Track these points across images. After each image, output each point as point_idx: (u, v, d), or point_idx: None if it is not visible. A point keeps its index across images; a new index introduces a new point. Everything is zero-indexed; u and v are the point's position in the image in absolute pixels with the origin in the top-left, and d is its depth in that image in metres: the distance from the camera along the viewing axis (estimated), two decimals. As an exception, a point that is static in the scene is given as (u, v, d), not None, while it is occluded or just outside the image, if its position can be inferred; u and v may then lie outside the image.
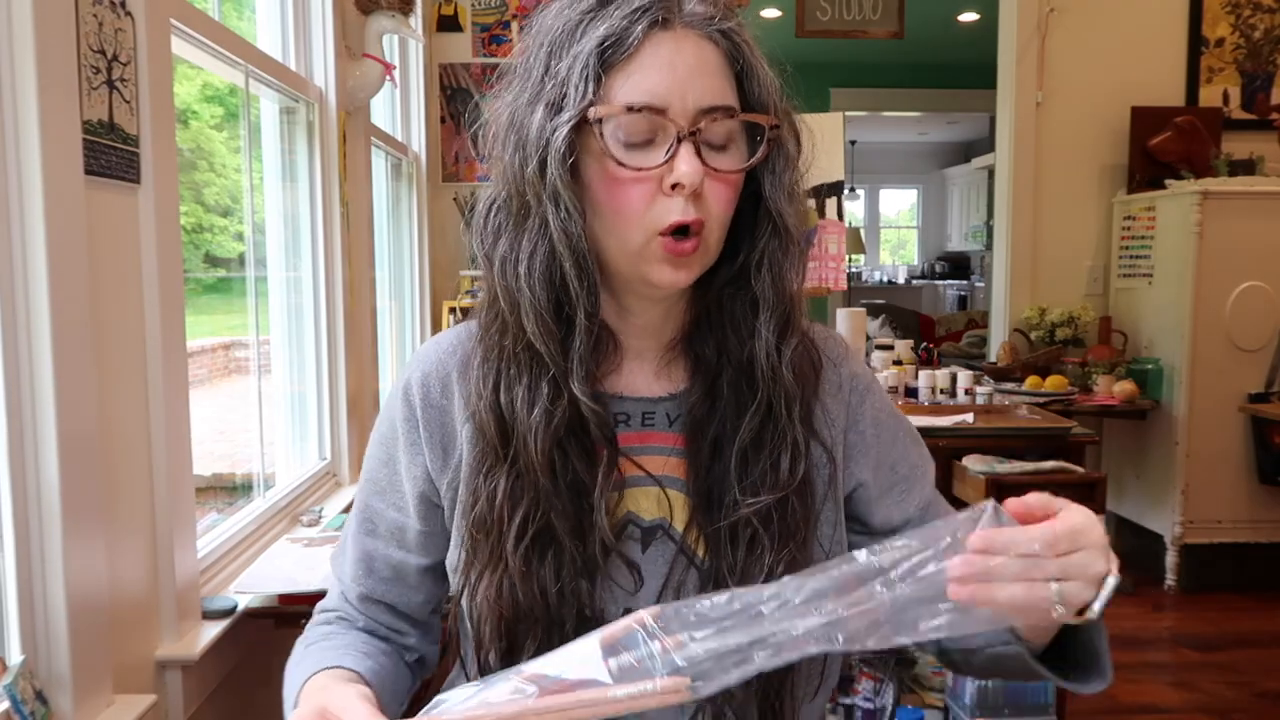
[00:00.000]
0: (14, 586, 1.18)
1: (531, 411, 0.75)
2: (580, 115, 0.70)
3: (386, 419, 0.86)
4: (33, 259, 1.16)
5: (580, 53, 0.71)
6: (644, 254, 0.73)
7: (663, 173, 0.71)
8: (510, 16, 4.00)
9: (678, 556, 0.78)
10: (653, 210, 0.72)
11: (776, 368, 0.77)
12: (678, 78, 0.71)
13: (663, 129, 0.71)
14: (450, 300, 3.89)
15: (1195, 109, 3.86)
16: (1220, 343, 3.48)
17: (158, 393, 1.45)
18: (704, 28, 0.73)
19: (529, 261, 0.73)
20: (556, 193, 0.71)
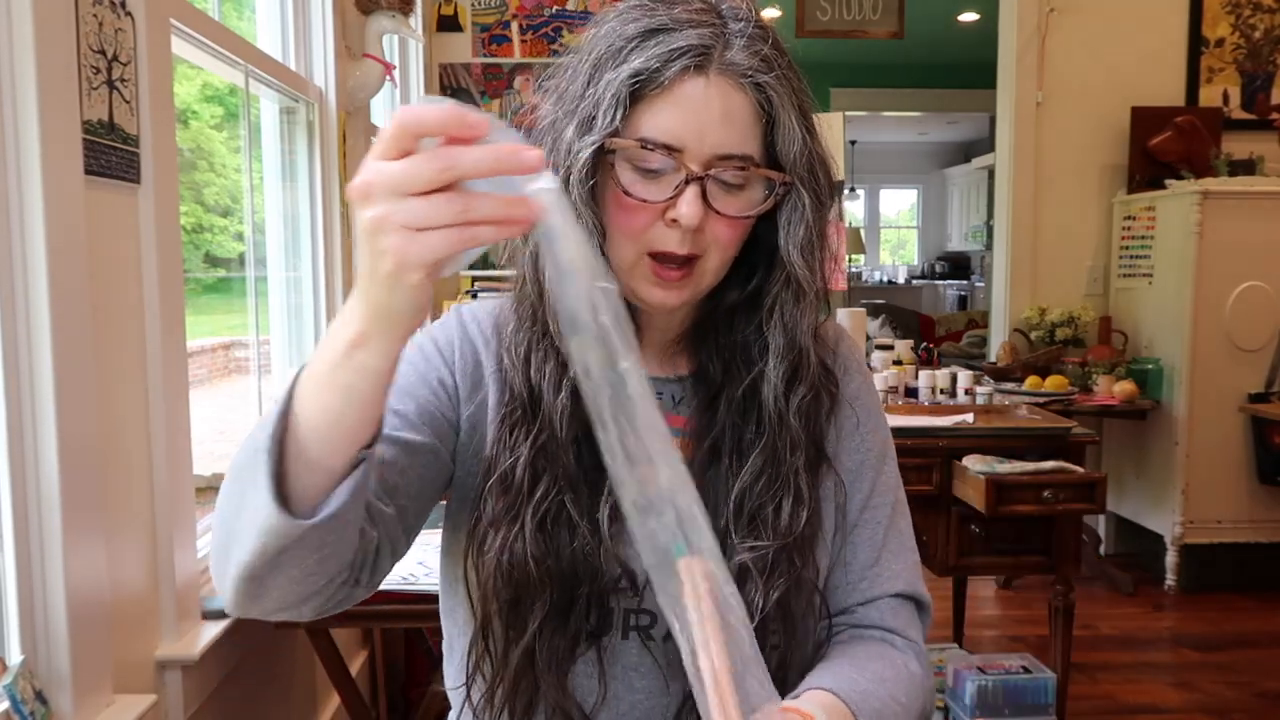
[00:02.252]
0: (14, 586, 1.18)
1: (558, 394, 0.78)
2: (601, 141, 0.74)
3: (428, 341, 0.87)
4: (33, 259, 1.16)
5: (614, 80, 0.74)
6: (633, 272, 0.78)
7: (666, 205, 0.75)
8: (510, 16, 4.00)
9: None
10: (649, 234, 0.76)
11: (784, 414, 0.81)
12: (699, 122, 0.74)
13: (676, 168, 0.75)
14: (450, 300, 3.89)
15: (1195, 109, 3.86)
16: (1220, 343, 3.49)
17: (158, 393, 1.45)
18: (738, 77, 0.75)
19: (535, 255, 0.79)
20: (581, 205, 0.75)
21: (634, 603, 0.81)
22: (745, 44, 0.75)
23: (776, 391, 0.80)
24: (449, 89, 4.01)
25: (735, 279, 0.82)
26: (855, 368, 0.92)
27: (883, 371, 2.69)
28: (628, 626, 0.81)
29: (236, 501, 0.62)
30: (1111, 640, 3.18)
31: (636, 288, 0.78)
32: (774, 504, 0.80)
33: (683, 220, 0.74)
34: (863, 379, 0.93)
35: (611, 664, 0.81)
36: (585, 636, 0.80)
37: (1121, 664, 3.00)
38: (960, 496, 2.25)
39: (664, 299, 0.78)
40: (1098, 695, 2.79)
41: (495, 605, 0.79)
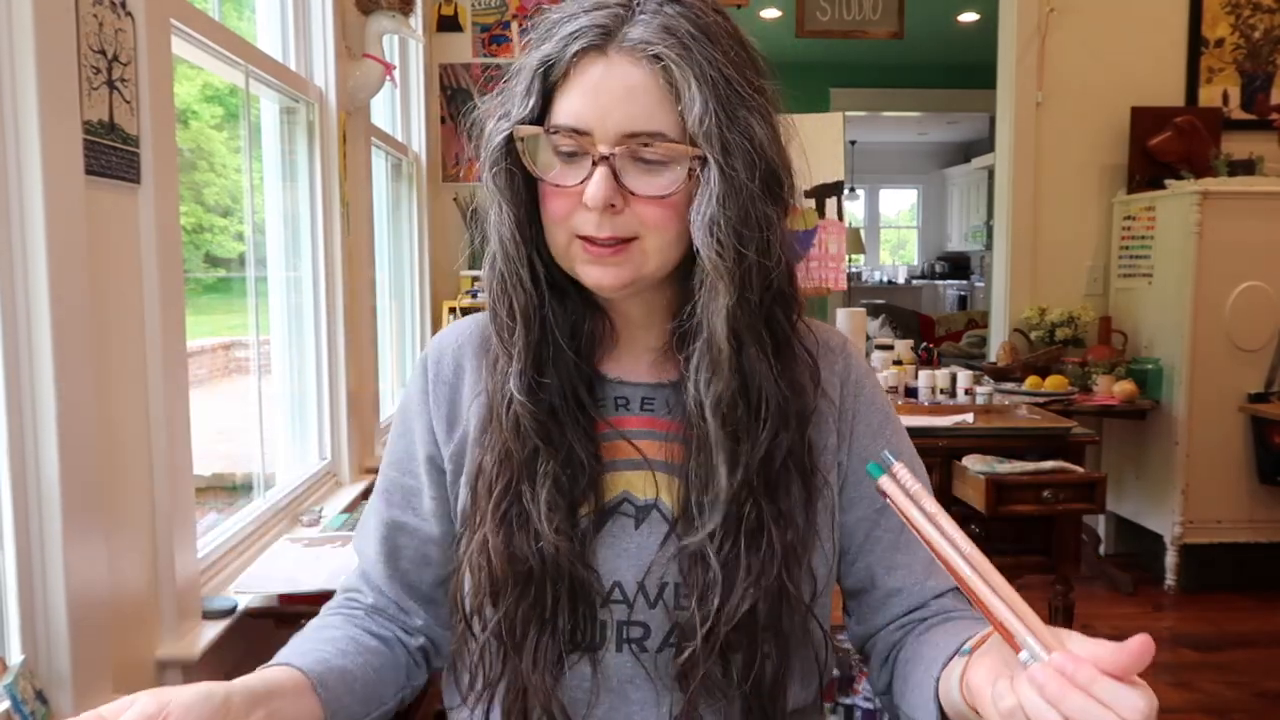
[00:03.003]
0: (14, 586, 1.18)
1: (501, 392, 0.81)
2: (509, 130, 0.76)
3: (406, 396, 0.92)
4: (33, 259, 1.16)
5: (524, 70, 0.77)
6: (569, 254, 0.78)
7: (581, 189, 0.75)
8: (510, 16, 4.00)
9: (669, 536, 0.80)
10: (573, 219, 0.76)
11: (701, 407, 0.78)
12: (600, 103, 0.74)
13: (584, 150, 0.75)
14: (450, 300, 3.89)
15: (1195, 109, 3.86)
16: (1220, 343, 3.49)
17: (158, 393, 1.45)
18: (637, 52, 0.73)
19: (490, 261, 0.81)
20: (491, 196, 0.79)
21: (626, 614, 0.80)
22: (649, 19, 0.74)
23: (697, 383, 0.78)
24: (449, 89, 4.01)
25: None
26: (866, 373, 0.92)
27: (883, 371, 2.70)
28: (621, 639, 0.80)
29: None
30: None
31: (576, 270, 0.78)
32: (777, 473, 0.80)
33: (589, 202, 0.74)
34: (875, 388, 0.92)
35: (606, 677, 0.80)
36: (577, 648, 0.79)
37: (1121, 664, 2.99)
38: (960, 496, 2.25)
39: (600, 277, 0.77)
40: (1098, 695, 2.79)
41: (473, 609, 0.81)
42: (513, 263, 0.79)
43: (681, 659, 0.78)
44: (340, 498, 2.35)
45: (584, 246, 0.77)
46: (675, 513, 0.81)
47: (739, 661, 0.78)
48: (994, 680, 0.61)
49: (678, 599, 0.80)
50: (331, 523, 2.06)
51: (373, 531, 0.92)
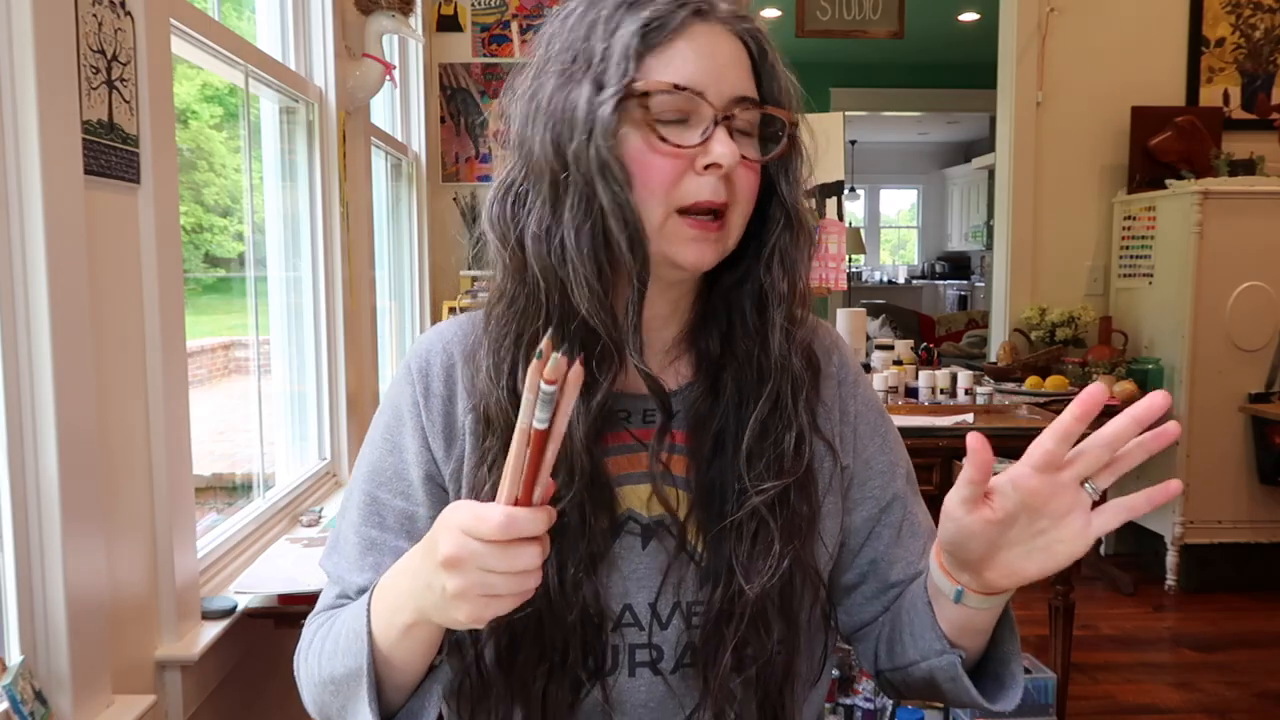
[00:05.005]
0: (14, 586, 1.18)
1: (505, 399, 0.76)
2: (624, 90, 0.71)
3: (390, 407, 0.85)
4: (33, 259, 1.15)
5: (622, 34, 0.72)
6: (664, 232, 0.73)
7: (696, 153, 0.72)
8: (510, 16, 4.00)
9: (678, 553, 0.78)
10: (681, 188, 0.73)
11: (787, 357, 0.79)
12: (716, 65, 0.73)
13: (698, 111, 0.73)
14: (450, 300, 3.89)
15: (1195, 109, 3.86)
16: (1220, 343, 3.49)
17: (158, 393, 1.45)
18: (734, 25, 0.75)
19: (576, 237, 0.72)
20: (605, 165, 0.71)
21: (641, 638, 0.78)
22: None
23: (781, 336, 0.78)
24: (449, 89, 4.01)
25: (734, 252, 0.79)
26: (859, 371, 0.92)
27: (883, 371, 2.69)
28: (634, 663, 0.78)
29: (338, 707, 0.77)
30: (1111, 640, 3.18)
31: (671, 251, 0.74)
32: (776, 445, 0.78)
33: (724, 161, 0.71)
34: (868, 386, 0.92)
35: (620, 702, 0.78)
36: (589, 676, 0.77)
37: (1121, 664, 3.00)
38: (960, 496, 2.24)
39: (700, 255, 0.74)
40: (1098, 695, 2.79)
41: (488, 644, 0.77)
42: (637, 230, 0.72)
43: (699, 662, 0.77)
44: (340, 498, 2.35)
45: (689, 222, 0.73)
46: (684, 525, 0.78)
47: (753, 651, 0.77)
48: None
49: (690, 616, 0.78)
50: (331, 523, 2.06)
51: (359, 554, 0.84)
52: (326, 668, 0.77)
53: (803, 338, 0.81)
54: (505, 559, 0.60)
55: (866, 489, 0.87)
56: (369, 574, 0.82)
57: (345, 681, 0.75)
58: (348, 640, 0.75)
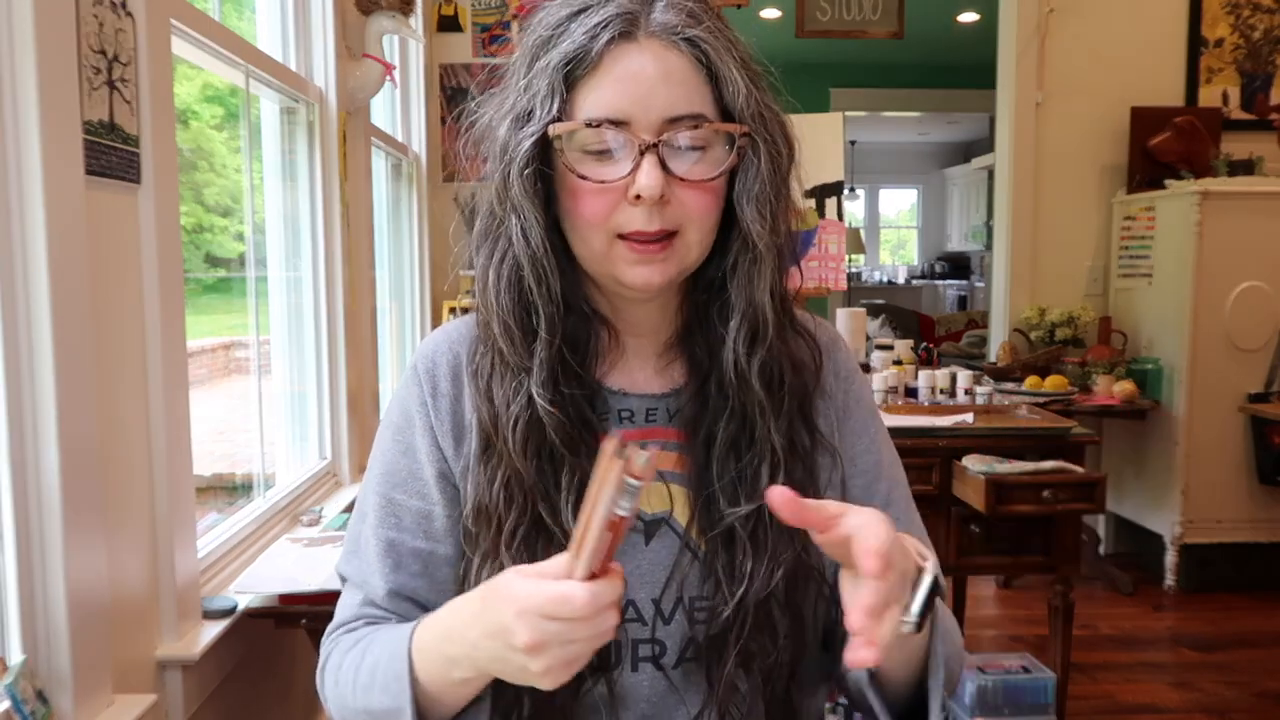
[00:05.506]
0: (14, 586, 1.18)
1: (509, 408, 0.77)
2: (542, 131, 0.72)
3: (399, 408, 0.85)
4: (33, 259, 1.16)
5: (546, 67, 0.72)
6: (609, 257, 0.74)
7: (626, 183, 0.72)
8: (510, 16, 4.00)
9: (682, 550, 0.79)
10: (615, 218, 0.73)
11: (745, 376, 0.77)
12: (640, 89, 0.71)
13: (627, 141, 0.72)
14: (450, 300, 3.89)
15: (1195, 109, 3.86)
16: (1220, 343, 3.49)
17: (158, 393, 1.45)
18: (669, 36, 0.72)
19: (497, 269, 0.77)
20: (517, 203, 0.74)
21: (644, 633, 0.78)
22: (666, 4, 0.74)
23: (737, 355, 0.77)
24: (449, 89, 4.01)
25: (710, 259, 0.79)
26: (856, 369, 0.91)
27: (882, 371, 2.69)
28: (637, 658, 0.78)
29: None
30: (1111, 640, 3.18)
31: (617, 273, 0.75)
32: (752, 468, 0.78)
33: (645, 193, 0.71)
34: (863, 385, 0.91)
35: (622, 697, 0.78)
36: (592, 671, 0.76)
37: (1121, 664, 3.00)
38: (960, 496, 2.25)
39: (649, 277, 0.74)
40: (1097, 695, 2.79)
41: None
42: (543, 272, 0.75)
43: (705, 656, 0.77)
44: (340, 498, 2.35)
45: (630, 246, 0.73)
46: (686, 523, 0.79)
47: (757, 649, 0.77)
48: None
49: (693, 612, 0.78)
50: (331, 523, 2.06)
51: (379, 557, 0.84)
52: (361, 699, 0.78)
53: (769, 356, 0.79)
54: (590, 629, 0.61)
55: (855, 486, 0.86)
56: (391, 575, 0.83)
57: (385, 713, 0.75)
58: (385, 678, 0.75)
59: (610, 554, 0.61)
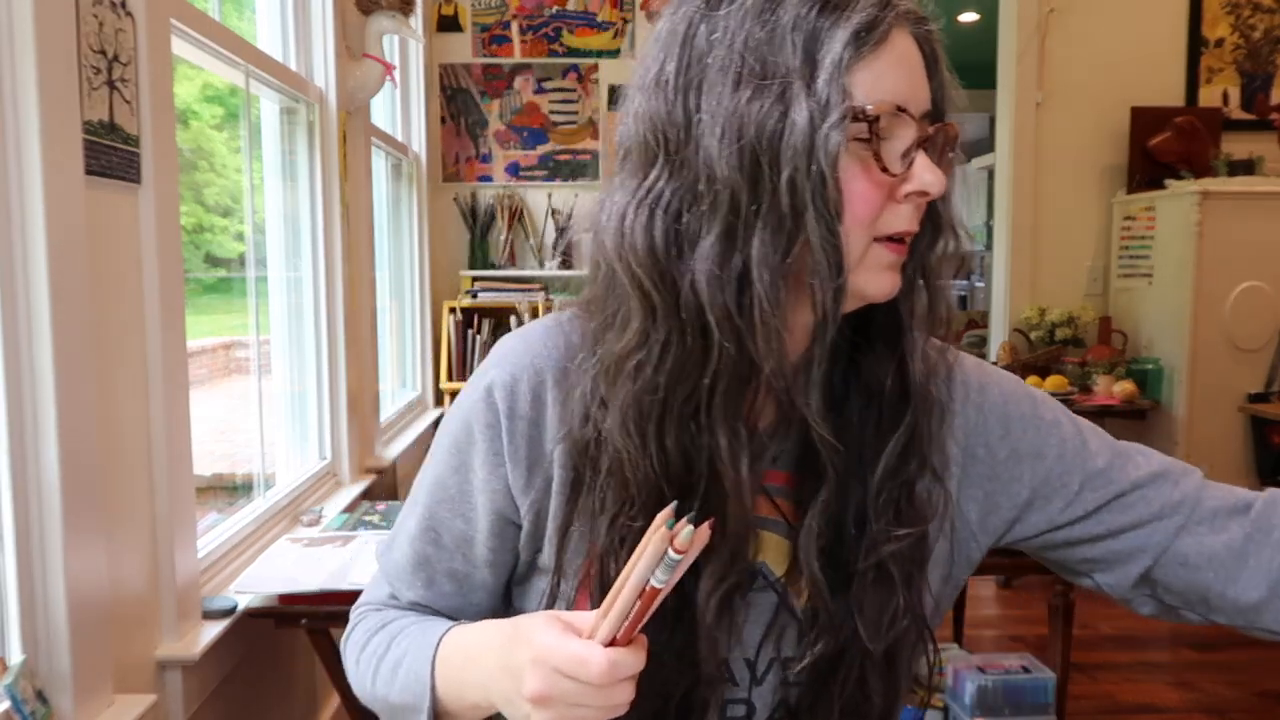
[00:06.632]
0: (14, 586, 1.18)
1: (738, 462, 0.65)
2: (846, 112, 0.60)
3: (461, 421, 0.75)
4: (33, 259, 1.16)
5: (830, 43, 0.60)
6: (862, 264, 0.64)
7: (896, 180, 0.63)
8: (510, 17, 4.00)
9: (779, 608, 0.72)
10: (882, 217, 0.64)
11: (926, 385, 0.70)
12: (914, 78, 0.65)
13: (900, 132, 0.63)
14: (450, 300, 3.89)
15: (1195, 109, 3.86)
16: (1220, 343, 3.49)
17: (158, 393, 1.45)
18: (917, 27, 0.66)
19: (769, 278, 0.61)
20: (826, 198, 0.60)
21: (737, 694, 0.73)
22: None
23: (920, 361, 0.69)
24: (449, 89, 4.01)
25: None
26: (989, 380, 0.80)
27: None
28: (724, 718, 0.73)
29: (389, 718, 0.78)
30: (1111, 640, 3.18)
31: (863, 283, 0.65)
32: (908, 486, 0.70)
33: (931, 189, 0.63)
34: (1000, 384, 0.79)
35: None
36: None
37: (1121, 664, 3.00)
38: (960, 496, 2.25)
39: (893, 284, 0.66)
40: (1097, 695, 2.79)
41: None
42: (843, 271, 0.61)
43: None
44: (340, 498, 2.36)
45: (888, 246, 0.65)
46: (784, 576, 0.72)
47: (853, 709, 0.72)
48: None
49: (787, 672, 0.73)
50: (331, 523, 2.06)
51: (411, 567, 0.80)
52: (382, 688, 0.77)
53: (943, 363, 0.72)
54: (603, 698, 0.58)
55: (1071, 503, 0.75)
56: (420, 590, 0.80)
57: (402, 709, 0.75)
58: (407, 678, 0.73)
59: (638, 623, 0.57)
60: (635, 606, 0.56)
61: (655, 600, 0.56)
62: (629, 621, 0.57)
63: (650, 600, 0.56)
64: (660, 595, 0.56)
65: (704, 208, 0.62)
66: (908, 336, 0.69)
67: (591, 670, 0.57)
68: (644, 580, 0.55)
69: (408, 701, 0.73)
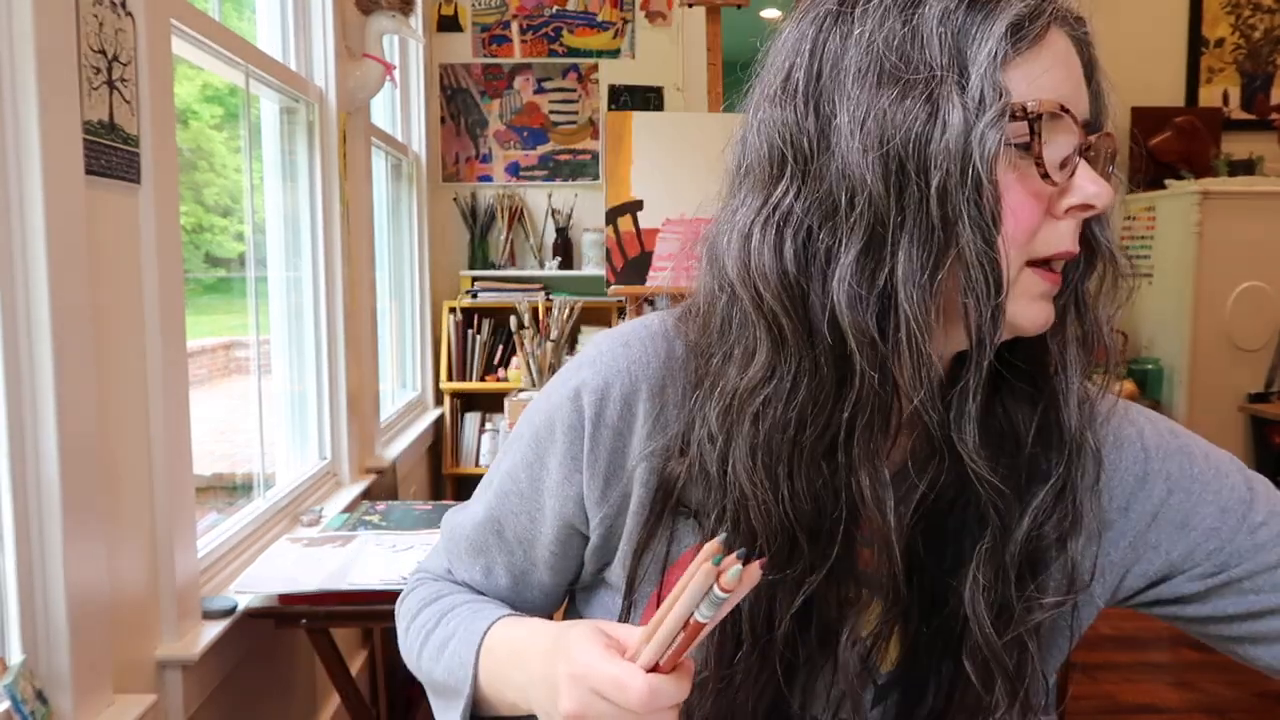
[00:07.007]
0: (14, 586, 1.18)
1: (883, 504, 0.59)
2: (1004, 111, 0.54)
3: (546, 416, 0.71)
4: (33, 259, 1.16)
5: (984, 38, 0.55)
6: (1013, 290, 0.57)
7: (1055, 191, 0.58)
8: (510, 17, 4.00)
9: (861, 669, 0.66)
10: (1039, 236, 0.58)
11: (1081, 433, 0.63)
12: (1074, 81, 0.59)
13: (1058, 139, 0.57)
14: (450, 300, 3.89)
15: (1195, 109, 3.87)
16: (1220, 343, 3.49)
17: (158, 393, 1.45)
18: (1075, 29, 0.60)
19: (921, 298, 0.55)
20: (981, 206, 0.54)
21: None
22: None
23: (1074, 404, 0.63)
24: (449, 89, 4.01)
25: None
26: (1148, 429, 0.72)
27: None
28: None
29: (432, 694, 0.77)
30: (1111, 640, 3.18)
31: (1015, 312, 0.58)
32: (1057, 551, 0.63)
33: (1098, 202, 0.57)
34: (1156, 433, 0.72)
35: None
36: None
37: (1121, 664, 3.00)
38: (960, 496, 2.25)
39: (1047, 316, 0.60)
40: (1098, 695, 2.79)
41: None
42: (985, 301, 0.55)
43: None
44: (340, 498, 2.36)
45: (1041, 274, 0.58)
46: (871, 638, 0.66)
47: None
48: None
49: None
50: (331, 523, 2.06)
51: (467, 552, 0.79)
52: (427, 663, 0.76)
53: (1102, 409, 0.66)
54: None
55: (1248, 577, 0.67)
56: (477, 576, 0.79)
57: (444, 688, 0.74)
58: (451, 660, 0.72)
59: (682, 652, 0.54)
60: (679, 638, 0.54)
61: (700, 634, 0.53)
62: (673, 650, 0.54)
63: (694, 633, 0.53)
64: (705, 629, 0.52)
65: (841, 222, 0.56)
66: (1058, 377, 0.63)
67: (630, 697, 0.54)
68: (688, 613, 0.52)
69: (450, 684, 0.73)
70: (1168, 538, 0.68)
